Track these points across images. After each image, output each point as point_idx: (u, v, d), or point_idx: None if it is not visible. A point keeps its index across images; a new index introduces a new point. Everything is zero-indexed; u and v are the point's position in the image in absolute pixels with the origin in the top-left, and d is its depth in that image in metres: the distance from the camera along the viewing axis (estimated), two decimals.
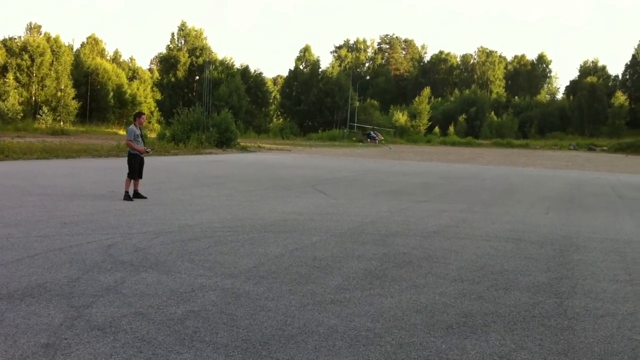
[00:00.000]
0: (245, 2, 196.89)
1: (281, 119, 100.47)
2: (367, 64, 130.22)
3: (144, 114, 13.37)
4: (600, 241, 9.45)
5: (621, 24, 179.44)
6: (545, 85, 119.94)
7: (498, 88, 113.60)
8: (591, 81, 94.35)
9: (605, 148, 71.33)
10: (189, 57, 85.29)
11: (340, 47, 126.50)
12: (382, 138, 76.62)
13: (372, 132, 76.63)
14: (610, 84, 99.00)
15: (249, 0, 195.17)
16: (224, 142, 41.07)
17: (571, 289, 6.30)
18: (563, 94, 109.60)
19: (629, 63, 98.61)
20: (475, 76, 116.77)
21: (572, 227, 10.90)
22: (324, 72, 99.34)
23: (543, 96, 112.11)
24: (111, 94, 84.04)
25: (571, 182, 23.47)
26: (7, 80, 68.56)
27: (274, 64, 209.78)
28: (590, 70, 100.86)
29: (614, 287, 6.46)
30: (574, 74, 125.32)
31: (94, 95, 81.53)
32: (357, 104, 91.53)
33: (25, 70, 71.83)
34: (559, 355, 4.33)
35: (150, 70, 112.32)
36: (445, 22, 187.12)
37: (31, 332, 4.30)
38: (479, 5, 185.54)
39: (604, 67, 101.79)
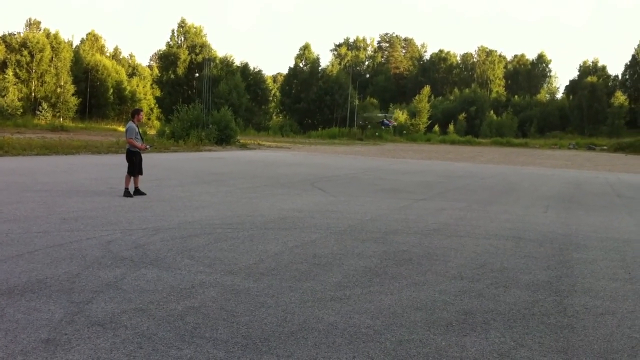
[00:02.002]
0: (245, 1, 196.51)
1: (281, 117, 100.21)
2: (367, 63, 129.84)
3: (142, 110, 13.39)
4: (599, 240, 9.46)
5: (621, 24, 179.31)
6: (545, 85, 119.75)
7: (498, 87, 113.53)
8: (591, 81, 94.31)
9: (604, 147, 71.30)
10: (188, 54, 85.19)
11: (340, 45, 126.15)
12: (396, 123, 77.30)
13: (385, 119, 77.39)
14: (610, 84, 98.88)
15: None
16: (224, 139, 41.03)
17: (571, 287, 6.31)
18: (563, 93, 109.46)
19: (628, 63, 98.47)
20: (475, 75, 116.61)
21: (572, 226, 10.91)
22: (324, 70, 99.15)
23: (543, 95, 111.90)
24: (111, 90, 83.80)
25: (570, 181, 23.47)
26: (6, 76, 68.21)
27: (273, 62, 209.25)
28: (590, 70, 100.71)
29: (614, 285, 6.47)
30: (574, 74, 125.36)
31: (94, 91, 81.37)
32: (357, 102, 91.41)
33: (25, 66, 71.52)
34: (559, 353, 4.34)
35: (150, 67, 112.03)
36: (445, 21, 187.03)
37: (31, 327, 4.31)
38: (479, 5, 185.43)
39: (604, 67, 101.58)
